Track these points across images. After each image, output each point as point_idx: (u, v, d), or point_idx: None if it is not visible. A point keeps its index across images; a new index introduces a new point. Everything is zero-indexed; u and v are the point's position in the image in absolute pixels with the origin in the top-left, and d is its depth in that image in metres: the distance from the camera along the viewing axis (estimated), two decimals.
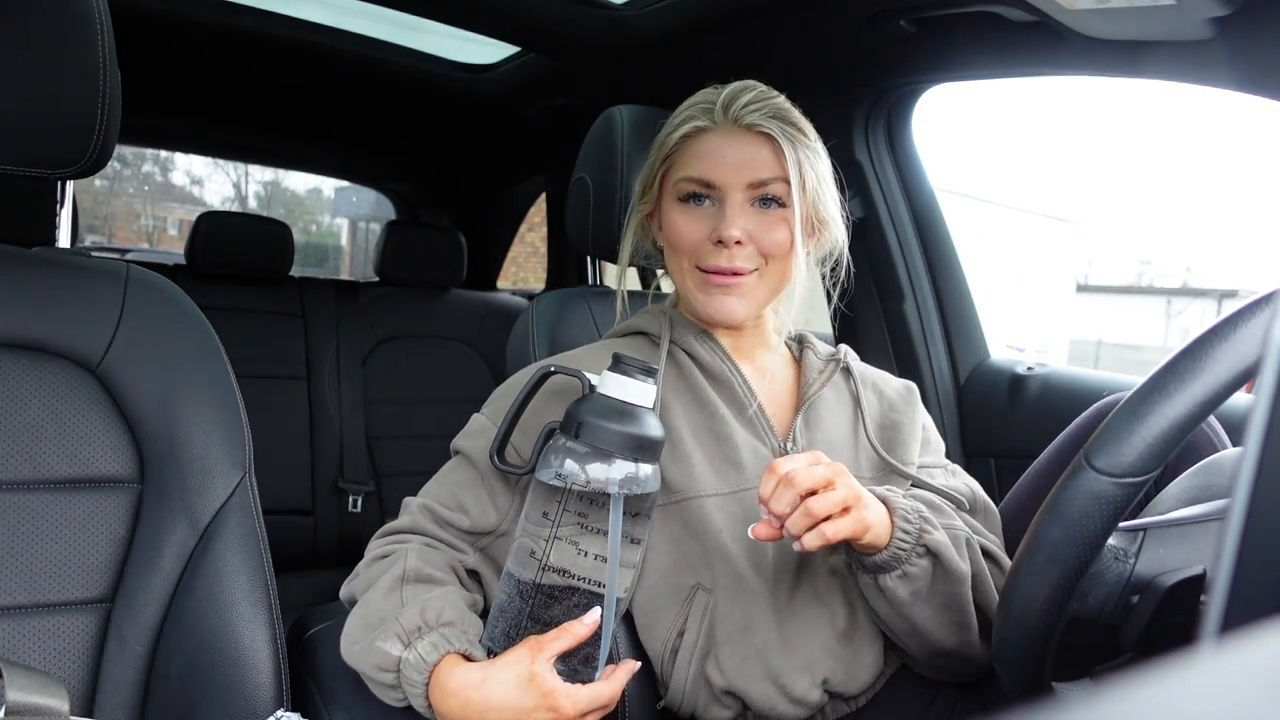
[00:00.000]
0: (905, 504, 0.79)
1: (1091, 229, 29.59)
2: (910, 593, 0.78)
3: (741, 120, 0.86)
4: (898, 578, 0.78)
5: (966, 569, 0.80)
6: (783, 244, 0.86)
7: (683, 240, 0.88)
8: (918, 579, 0.78)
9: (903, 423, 0.94)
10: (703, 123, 0.88)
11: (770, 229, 0.86)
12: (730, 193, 0.86)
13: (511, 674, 0.70)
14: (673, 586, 0.85)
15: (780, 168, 0.86)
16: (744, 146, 0.86)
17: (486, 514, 0.85)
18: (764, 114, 0.86)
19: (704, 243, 0.87)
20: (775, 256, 0.87)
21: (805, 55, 1.45)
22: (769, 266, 0.88)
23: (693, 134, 0.88)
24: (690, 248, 0.88)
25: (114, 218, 18.17)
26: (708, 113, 0.88)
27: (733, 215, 0.85)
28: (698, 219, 0.88)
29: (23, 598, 0.79)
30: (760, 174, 0.86)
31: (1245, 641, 0.19)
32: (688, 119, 0.89)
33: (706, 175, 0.86)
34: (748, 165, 0.86)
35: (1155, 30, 1.00)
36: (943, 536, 0.79)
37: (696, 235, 0.87)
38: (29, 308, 0.83)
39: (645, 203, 0.94)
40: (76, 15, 0.77)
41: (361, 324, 2.20)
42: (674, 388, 0.89)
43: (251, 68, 1.97)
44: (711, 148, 0.87)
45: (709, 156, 0.87)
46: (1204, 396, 0.58)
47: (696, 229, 0.87)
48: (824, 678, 0.82)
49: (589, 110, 1.18)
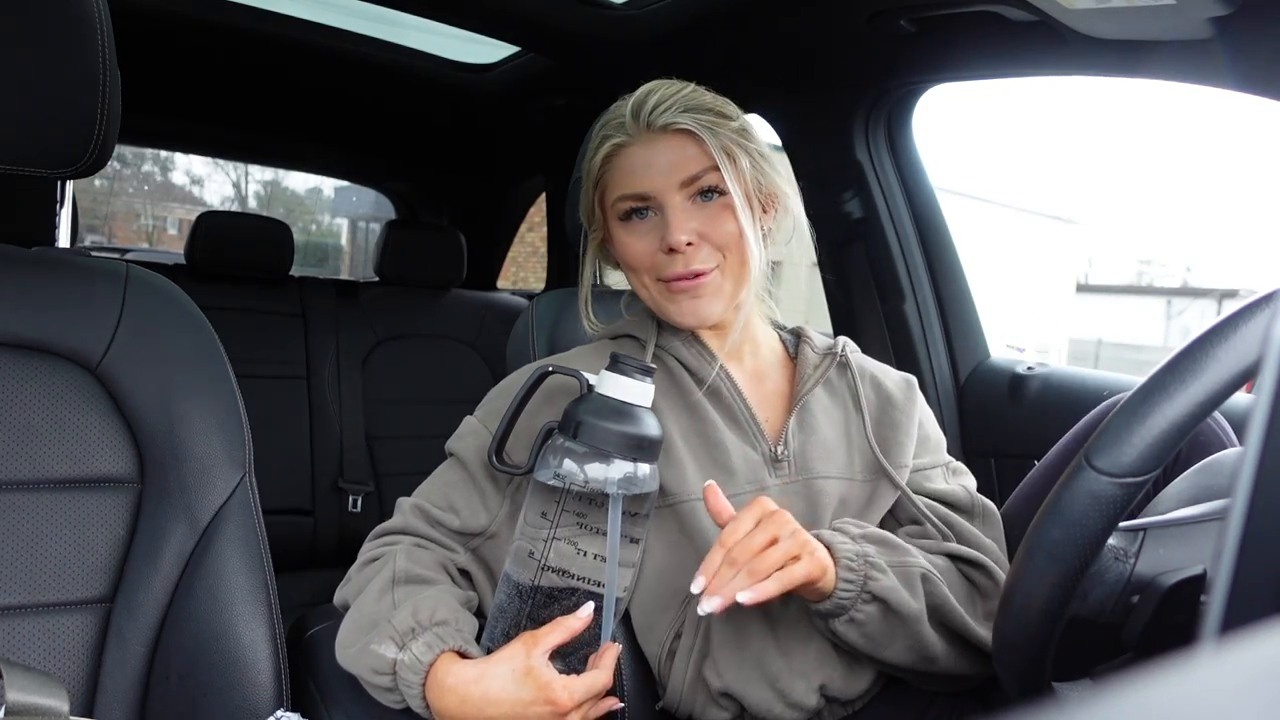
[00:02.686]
0: (849, 549, 0.78)
1: (1091, 229, 29.60)
2: (861, 635, 0.78)
3: (655, 124, 0.85)
4: (846, 623, 0.78)
5: (919, 607, 0.79)
6: (733, 233, 0.85)
7: (636, 258, 0.88)
8: (866, 624, 0.78)
9: (900, 421, 0.92)
10: (619, 138, 0.87)
11: (717, 222, 0.85)
12: (667, 198, 0.85)
13: (508, 668, 0.70)
14: (669, 588, 0.85)
15: (708, 158, 0.84)
16: (667, 149, 0.85)
17: (477, 515, 0.85)
18: (675, 110, 0.85)
19: (656, 254, 0.86)
20: (730, 248, 0.86)
21: (805, 55, 1.45)
22: (728, 260, 0.86)
23: (613, 152, 0.87)
24: (645, 263, 0.87)
25: (114, 218, 18.18)
26: (621, 127, 0.87)
27: (676, 220, 0.84)
28: (643, 234, 0.87)
29: (23, 598, 0.79)
30: (690, 170, 0.84)
31: (1245, 641, 0.19)
32: (605, 138, 0.88)
33: (638, 189, 0.85)
34: (675, 166, 0.84)
35: (1155, 30, 1.00)
36: (890, 581, 0.78)
37: (647, 250, 0.86)
38: (29, 308, 0.83)
39: (595, 231, 0.93)
40: (76, 15, 0.77)
41: (361, 324, 2.20)
42: (663, 392, 0.89)
43: (252, 67, 1.97)
44: (636, 160, 0.86)
45: (635, 169, 0.86)
46: (1204, 396, 0.58)
47: (645, 244, 0.87)
48: (821, 683, 0.82)
49: (589, 109, 1.18)
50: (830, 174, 1.53)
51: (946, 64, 1.36)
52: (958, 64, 1.34)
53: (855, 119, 1.51)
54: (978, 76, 1.36)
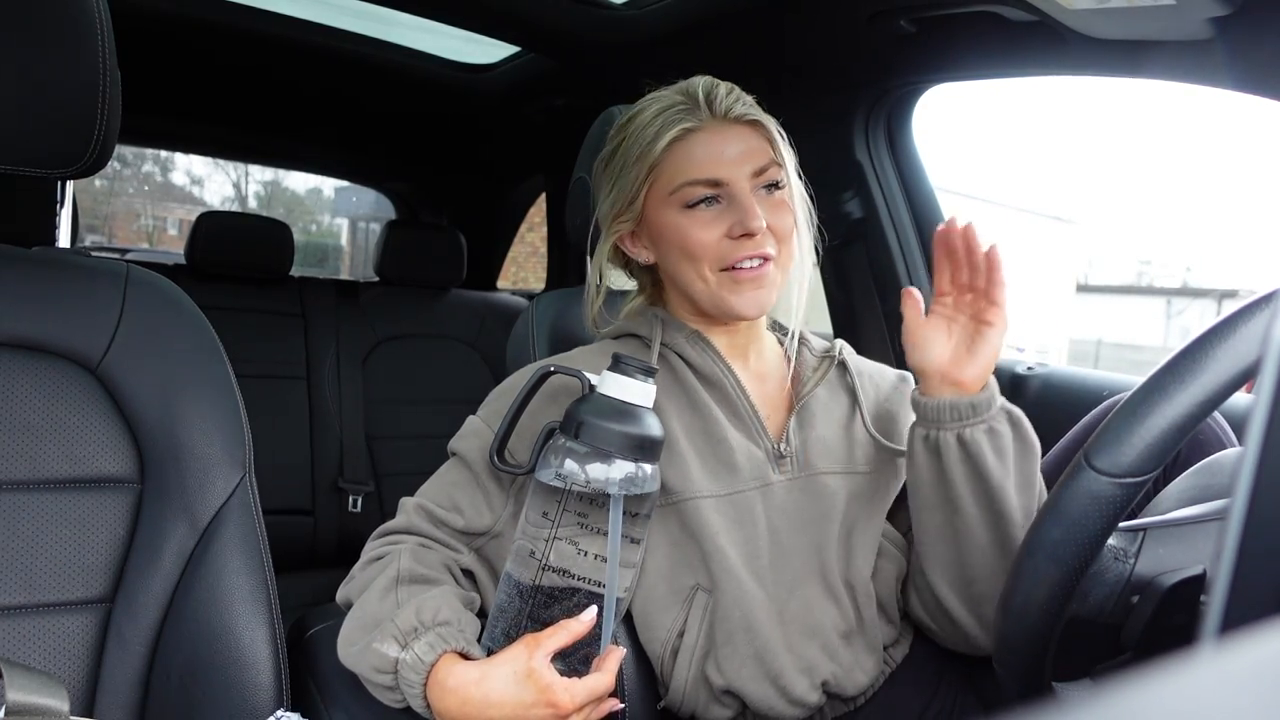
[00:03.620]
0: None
1: (1091, 229, 29.59)
2: (993, 449, 0.79)
3: (730, 113, 0.86)
4: (985, 431, 0.79)
5: (1037, 443, 0.82)
6: (789, 227, 0.87)
7: (699, 246, 0.86)
8: (1001, 438, 0.80)
9: (898, 412, 0.94)
10: (689, 123, 0.85)
11: (779, 214, 0.86)
12: (740, 184, 0.85)
13: (509, 670, 0.70)
14: (672, 587, 0.85)
15: (771, 152, 0.86)
16: (739, 138, 0.86)
17: (481, 514, 0.85)
18: (746, 103, 0.87)
19: (722, 241, 0.85)
20: (785, 240, 0.87)
21: (805, 55, 1.45)
22: (781, 252, 0.87)
23: (681, 136, 0.86)
24: (710, 251, 0.86)
25: (114, 218, 18.17)
26: (689, 113, 0.86)
27: (751, 206, 0.84)
28: (709, 221, 0.86)
29: (23, 598, 0.79)
30: (759, 161, 0.86)
31: (1245, 641, 0.19)
32: (671, 123, 0.86)
33: (712, 174, 0.85)
34: (746, 155, 0.85)
35: (1155, 30, 1.00)
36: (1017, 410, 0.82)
37: (713, 236, 0.85)
38: (29, 308, 0.83)
39: (623, 222, 0.91)
40: (76, 15, 0.77)
41: (361, 324, 2.20)
42: (667, 390, 0.89)
43: (251, 67, 1.97)
44: (708, 146, 0.85)
45: (709, 156, 0.85)
46: (1203, 397, 0.58)
47: (711, 232, 0.85)
48: (823, 680, 0.82)
49: (589, 110, 1.18)
50: (830, 174, 1.53)
51: (946, 64, 1.36)
52: (958, 64, 1.34)
53: (855, 119, 1.51)
54: (978, 76, 1.36)
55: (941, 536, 0.83)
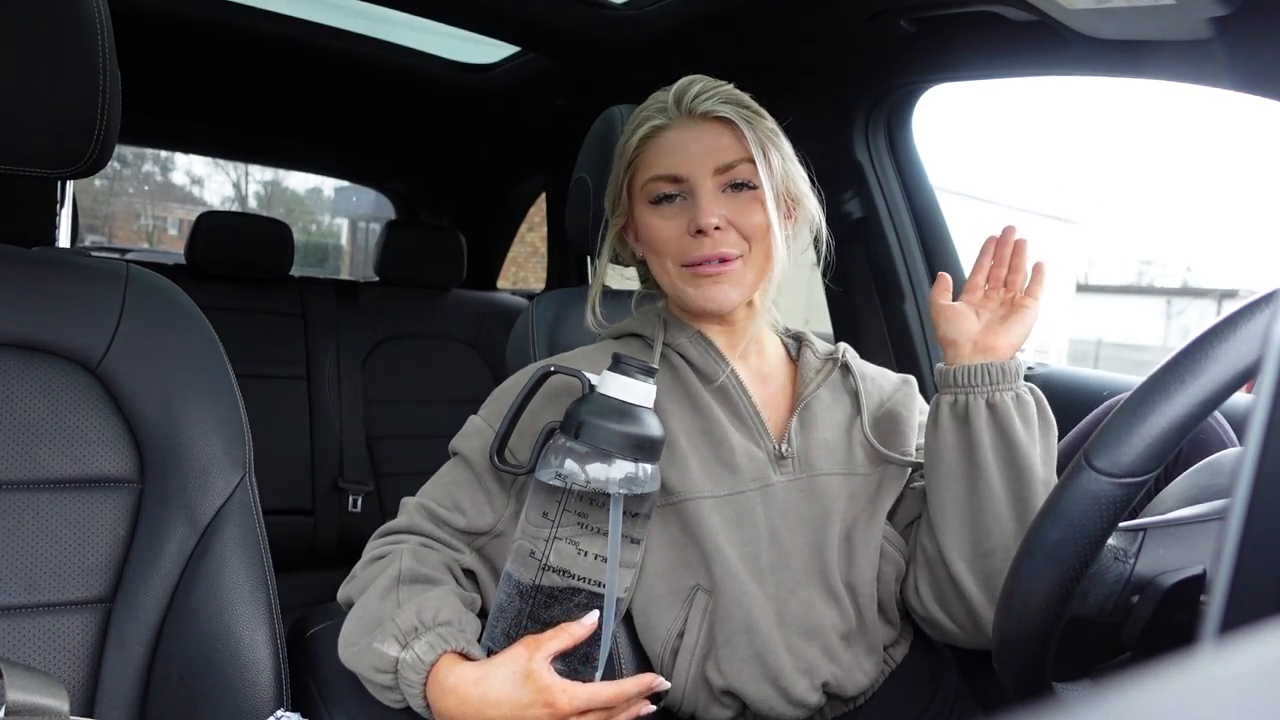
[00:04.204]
0: None
1: (1091, 229, 29.61)
2: (1020, 416, 0.82)
3: (696, 110, 0.86)
4: (1013, 399, 0.82)
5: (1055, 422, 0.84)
6: (760, 225, 0.86)
7: (662, 240, 0.88)
8: (1028, 405, 0.83)
9: (901, 414, 0.94)
10: (659, 121, 0.88)
11: (746, 212, 0.86)
12: (700, 181, 0.85)
13: (509, 671, 0.70)
14: (672, 587, 0.85)
15: (743, 150, 0.86)
16: (704, 135, 0.86)
17: (483, 514, 0.86)
18: (717, 100, 0.87)
19: (683, 238, 0.86)
20: (756, 239, 0.87)
21: (805, 55, 1.45)
22: (752, 251, 0.87)
23: (651, 134, 0.88)
24: (671, 247, 0.87)
25: (114, 218, 18.17)
26: (662, 111, 0.88)
27: (707, 203, 0.85)
28: (672, 216, 0.87)
29: (23, 598, 0.79)
30: (725, 158, 0.86)
31: (1245, 641, 0.19)
32: (644, 120, 0.89)
33: (673, 170, 0.86)
34: (711, 152, 0.86)
35: (1155, 30, 1.00)
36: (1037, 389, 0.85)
37: (674, 232, 0.87)
38: (29, 308, 0.83)
39: (618, 216, 0.94)
40: (76, 15, 0.77)
41: (361, 324, 2.20)
42: (668, 390, 0.89)
43: (251, 67, 1.97)
44: (673, 143, 0.87)
45: (672, 152, 0.86)
46: (1204, 396, 0.58)
47: (673, 226, 0.87)
48: (823, 680, 0.82)
49: (589, 110, 1.18)
50: (830, 174, 1.53)
51: (946, 64, 1.36)
52: (958, 64, 1.34)
53: (855, 119, 1.51)
54: (978, 76, 1.36)
55: (962, 509, 0.83)
